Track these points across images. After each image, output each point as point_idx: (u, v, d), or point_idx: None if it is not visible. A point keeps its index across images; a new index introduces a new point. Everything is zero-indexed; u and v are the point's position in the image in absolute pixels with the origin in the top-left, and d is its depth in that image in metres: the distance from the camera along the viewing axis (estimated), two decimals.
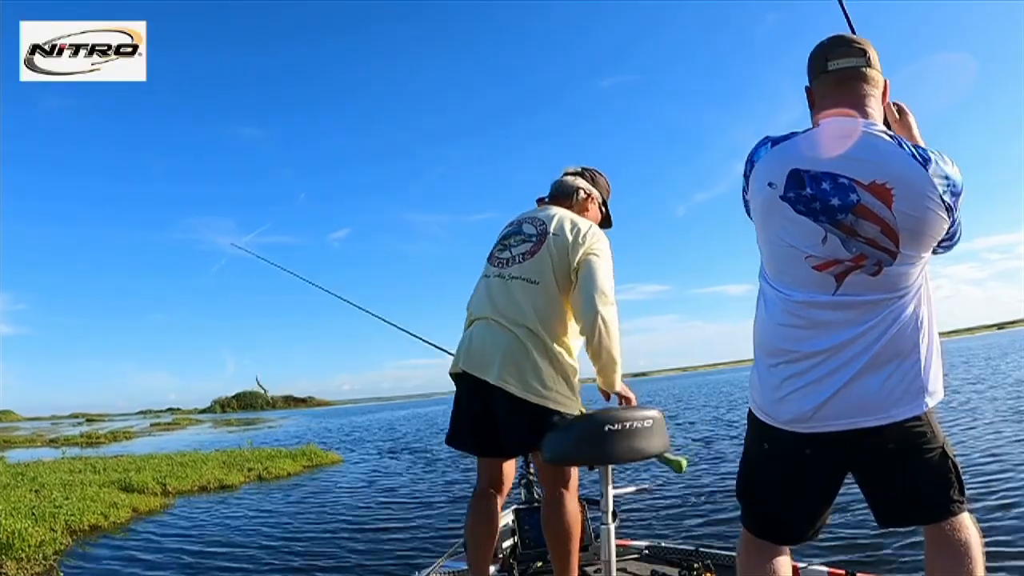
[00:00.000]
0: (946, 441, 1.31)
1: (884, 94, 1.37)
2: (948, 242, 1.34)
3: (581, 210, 2.12)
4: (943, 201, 1.21)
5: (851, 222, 1.22)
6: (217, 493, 9.14)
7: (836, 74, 1.34)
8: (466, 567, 2.24)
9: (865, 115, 1.31)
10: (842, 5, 1.60)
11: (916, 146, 1.25)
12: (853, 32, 1.52)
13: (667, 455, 1.88)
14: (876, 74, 1.34)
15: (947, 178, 1.21)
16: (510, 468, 2.14)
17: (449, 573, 2.46)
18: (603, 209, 2.21)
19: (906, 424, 1.25)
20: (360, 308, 3.47)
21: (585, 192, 2.16)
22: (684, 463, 1.91)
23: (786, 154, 1.30)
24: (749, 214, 1.45)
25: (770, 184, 1.30)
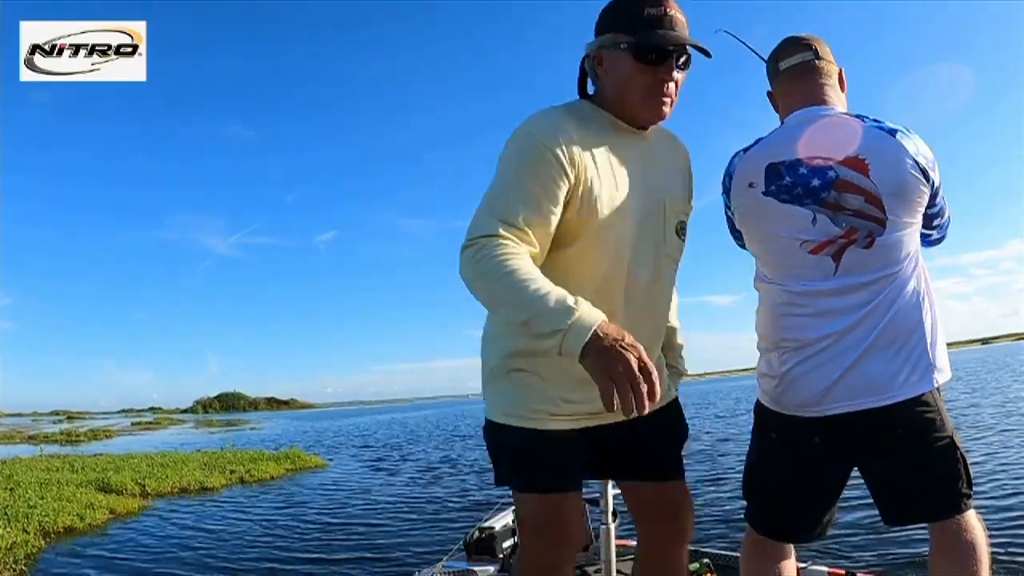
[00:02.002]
0: (955, 431, 1.25)
1: (841, 83, 1.38)
2: (939, 219, 1.35)
3: None
4: (917, 164, 1.21)
5: (835, 198, 1.22)
6: (198, 495, 8.77)
7: (789, 72, 1.37)
8: (467, 567, 2.19)
9: (825, 103, 1.32)
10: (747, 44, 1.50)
11: (878, 120, 1.26)
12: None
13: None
14: (827, 64, 1.35)
15: (915, 145, 1.23)
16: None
17: (451, 573, 2.37)
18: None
19: (915, 408, 1.21)
20: None
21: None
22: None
23: (759, 154, 1.32)
24: (733, 231, 1.44)
25: (751, 185, 1.31)
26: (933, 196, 1.26)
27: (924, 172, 1.22)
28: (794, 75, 1.36)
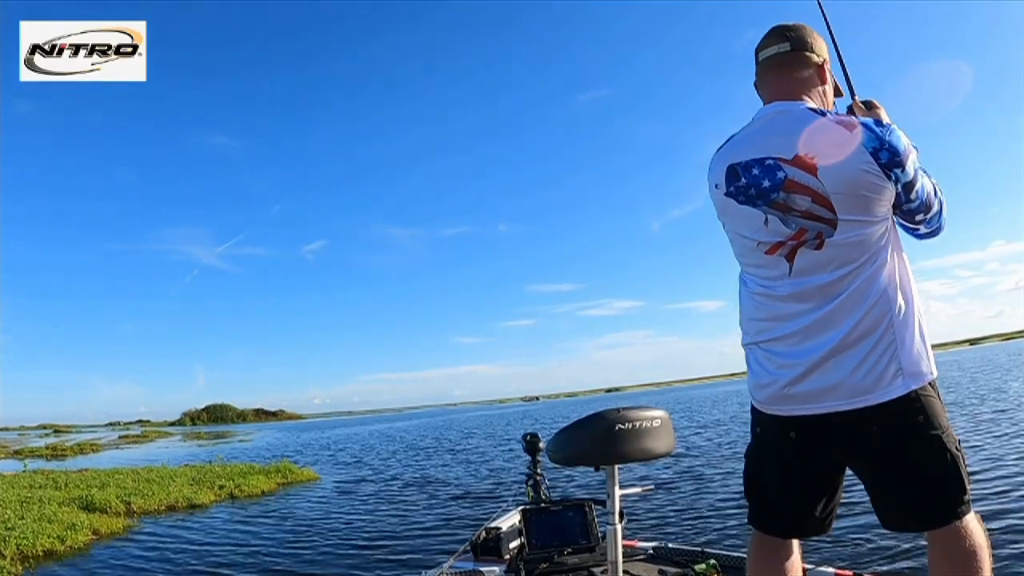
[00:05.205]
0: (946, 430, 1.14)
1: (822, 72, 1.29)
2: (921, 213, 1.20)
3: None
4: (875, 159, 1.12)
5: (784, 199, 1.18)
6: (186, 513, 8.14)
7: (765, 63, 1.32)
8: (474, 567, 2.15)
9: (795, 95, 1.26)
10: (821, 7, 1.45)
11: (840, 113, 1.20)
12: (829, 28, 1.40)
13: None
14: (804, 55, 1.28)
15: (878, 139, 1.12)
16: None
17: (457, 573, 2.26)
18: None
19: (891, 408, 1.12)
20: None
21: None
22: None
23: (724, 154, 1.30)
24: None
25: (716, 186, 1.29)
26: (906, 190, 1.15)
27: (886, 167, 1.12)
28: (769, 67, 1.31)
